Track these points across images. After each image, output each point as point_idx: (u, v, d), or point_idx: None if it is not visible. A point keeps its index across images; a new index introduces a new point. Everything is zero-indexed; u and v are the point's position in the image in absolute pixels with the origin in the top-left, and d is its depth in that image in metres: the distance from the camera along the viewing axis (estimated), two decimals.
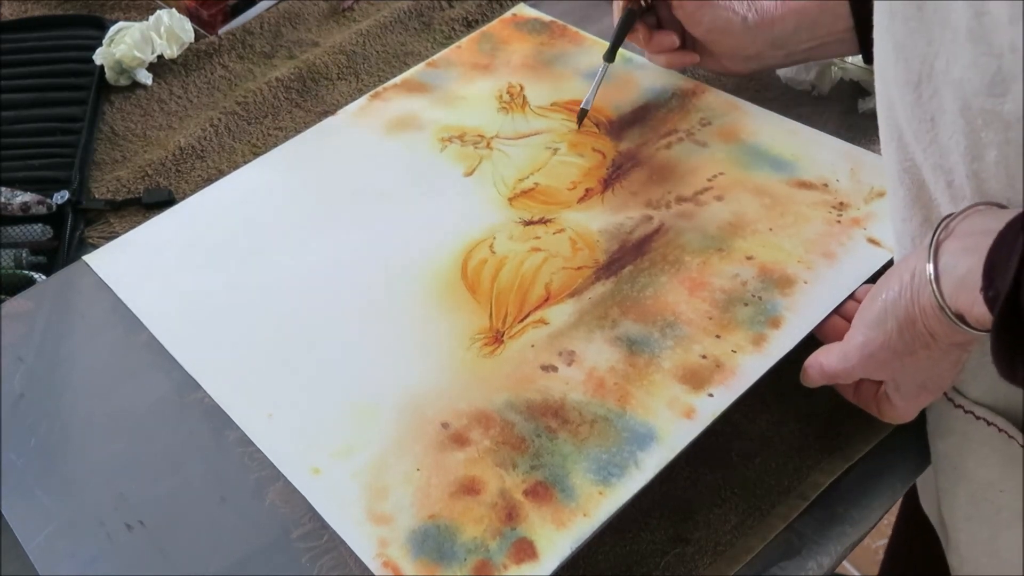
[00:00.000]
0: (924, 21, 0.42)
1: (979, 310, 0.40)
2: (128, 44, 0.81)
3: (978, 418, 0.51)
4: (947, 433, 0.54)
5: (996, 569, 0.54)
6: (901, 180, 0.48)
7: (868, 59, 0.68)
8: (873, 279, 0.57)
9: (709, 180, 0.66)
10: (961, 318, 0.42)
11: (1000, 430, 0.50)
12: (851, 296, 0.57)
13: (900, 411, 0.51)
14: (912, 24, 0.42)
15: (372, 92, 0.77)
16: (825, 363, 0.51)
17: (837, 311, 0.57)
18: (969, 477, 0.53)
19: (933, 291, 0.43)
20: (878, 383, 0.51)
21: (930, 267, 0.43)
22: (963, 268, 0.41)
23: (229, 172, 0.72)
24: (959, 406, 0.52)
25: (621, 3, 0.71)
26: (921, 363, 0.47)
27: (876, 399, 0.52)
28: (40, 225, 0.70)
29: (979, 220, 0.42)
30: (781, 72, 0.74)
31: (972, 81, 0.40)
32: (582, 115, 0.71)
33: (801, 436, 0.55)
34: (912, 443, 0.56)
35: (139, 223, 0.69)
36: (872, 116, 0.70)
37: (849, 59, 0.73)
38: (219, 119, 0.77)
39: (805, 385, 0.54)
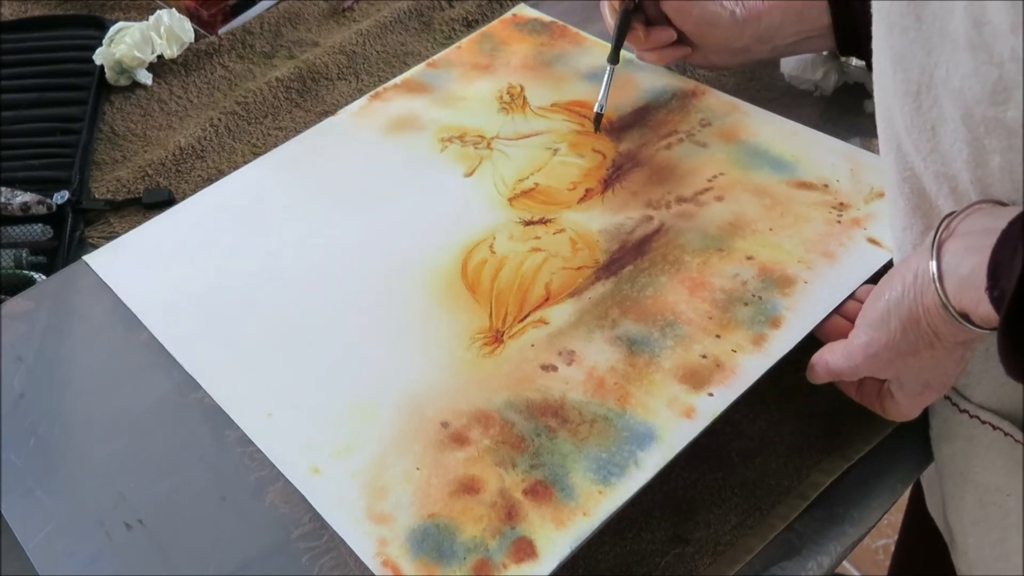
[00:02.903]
0: (922, 31, 0.42)
1: (984, 309, 0.40)
2: (128, 44, 0.81)
3: (983, 422, 0.51)
4: (952, 438, 0.53)
5: (1005, 573, 0.54)
6: (900, 189, 0.48)
7: (847, 52, 0.69)
8: (874, 279, 0.57)
9: (709, 180, 0.66)
10: (966, 317, 0.42)
11: (1006, 434, 0.50)
12: (851, 296, 0.57)
13: (903, 409, 0.51)
14: (910, 35, 0.42)
15: (372, 92, 0.77)
16: (830, 361, 0.52)
17: (837, 311, 0.56)
18: (976, 482, 0.53)
19: (937, 290, 0.43)
20: (881, 381, 0.51)
21: (933, 266, 0.43)
22: (966, 267, 0.41)
23: (229, 172, 0.72)
24: (964, 411, 0.52)
25: (614, 3, 0.72)
26: (925, 362, 0.47)
27: (879, 397, 0.52)
28: (40, 225, 0.70)
29: (980, 219, 0.42)
30: (785, 71, 0.74)
31: (973, 90, 0.40)
32: (598, 119, 0.71)
33: (801, 436, 0.55)
34: (912, 443, 0.56)
35: (139, 223, 0.69)
36: None
37: (854, 61, 0.73)
38: (219, 119, 0.77)
39: (811, 381, 0.54)
